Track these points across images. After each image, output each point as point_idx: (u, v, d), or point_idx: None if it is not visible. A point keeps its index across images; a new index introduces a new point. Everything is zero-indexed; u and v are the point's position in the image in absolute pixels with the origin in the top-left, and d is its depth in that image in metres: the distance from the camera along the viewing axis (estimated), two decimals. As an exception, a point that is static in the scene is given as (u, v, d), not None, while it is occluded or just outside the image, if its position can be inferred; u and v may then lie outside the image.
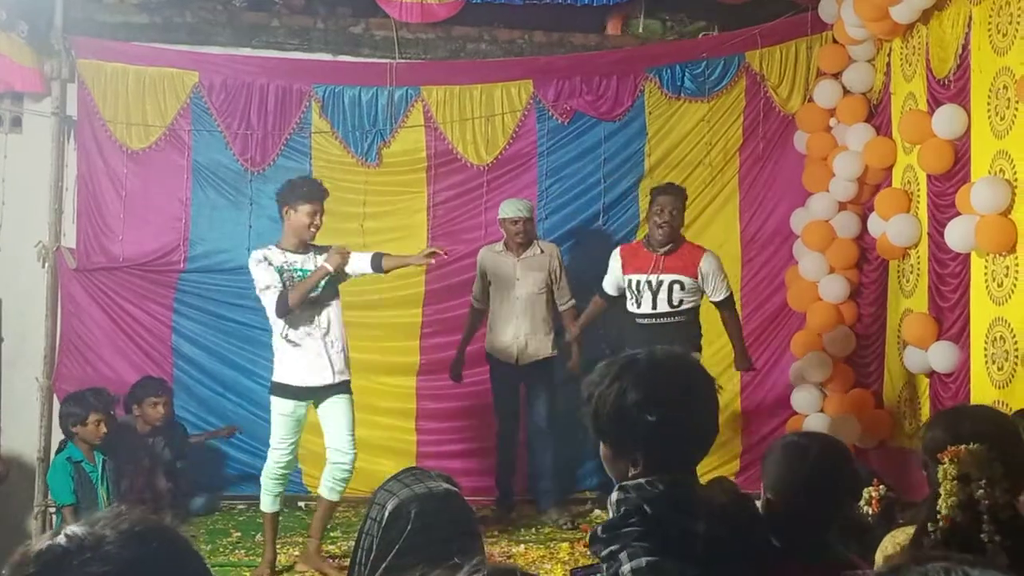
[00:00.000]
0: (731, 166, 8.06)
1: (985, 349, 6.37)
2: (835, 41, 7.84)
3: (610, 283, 6.87)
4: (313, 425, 6.19)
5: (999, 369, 6.22)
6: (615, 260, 6.82)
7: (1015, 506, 2.37)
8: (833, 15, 7.66)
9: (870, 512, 3.85)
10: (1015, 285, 6.07)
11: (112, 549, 1.36)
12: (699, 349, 6.62)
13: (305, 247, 6.03)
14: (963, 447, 2.37)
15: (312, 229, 6.00)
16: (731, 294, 6.89)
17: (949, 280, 6.80)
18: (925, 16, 6.88)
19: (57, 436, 7.28)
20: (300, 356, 5.95)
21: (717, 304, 6.82)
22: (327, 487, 6.05)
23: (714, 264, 6.75)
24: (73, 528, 1.39)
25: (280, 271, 5.94)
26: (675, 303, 6.56)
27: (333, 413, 6.05)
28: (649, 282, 6.58)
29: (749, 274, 8.07)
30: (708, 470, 6.99)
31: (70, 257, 7.66)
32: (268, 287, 5.91)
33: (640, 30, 8.27)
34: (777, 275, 8.06)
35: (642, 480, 2.25)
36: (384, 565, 2.59)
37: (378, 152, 7.90)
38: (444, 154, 7.93)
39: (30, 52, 7.53)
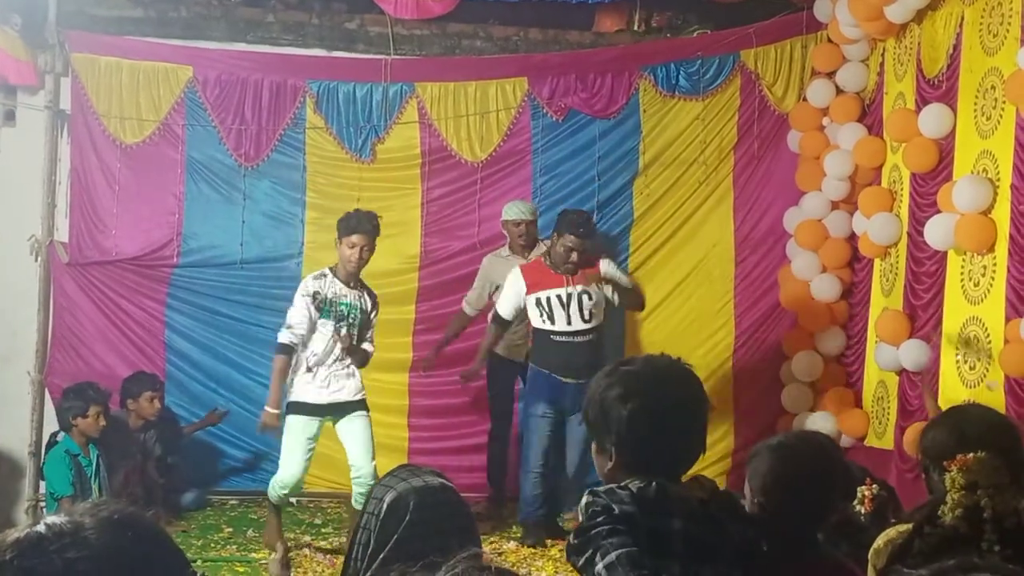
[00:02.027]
0: (725, 165, 8.06)
1: (957, 348, 6.39)
2: (830, 40, 7.85)
3: (508, 306, 6.66)
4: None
5: (971, 369, 6.24)
6: (517, 281, 6.59)
7: (1019, 513, 2.37)
8: (828, 14, 7.67)
9: (863, 511, 3.84)
10: (992, 284, 6.08)
11: (90, 535, 1.39)
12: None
13: (354, 281, 6.16)
14: (971, 455, 2.38)
15: (357, 263, 6.08)
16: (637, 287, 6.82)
17: (924, 279, 6.82)
18: (919, 16, 6.89)
19: (48, 431, 7.27)
20: (314, 377, 6.07)
21: (624, 291, 6.70)
22: (354, 499, 6.13)
23: (612, 264, 6.74)
24: (52, 517, 1.42)
25: (331, 304, 6.06)
26: (586, 317, 6.49)
27: (351, 430, 6.15)
28: (559, 296, 6.48)
29: (743, 273, 8.07)
30: (699, 469, 6.98)
31: (63, 251, 7.65)
32: (289, 326, 6.07)
33: (636, 27, 8.27)
34: (771, 274, 8.06)
35: (613, 485, 2.30)
36: (383, 556, 2.61)
37: (372, 148, 7.89)
38: (438, 150, 7.93)
39: (24, 45, 7.51)
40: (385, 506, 2.66)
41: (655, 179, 8.00)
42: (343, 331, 6.08)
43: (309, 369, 6.05)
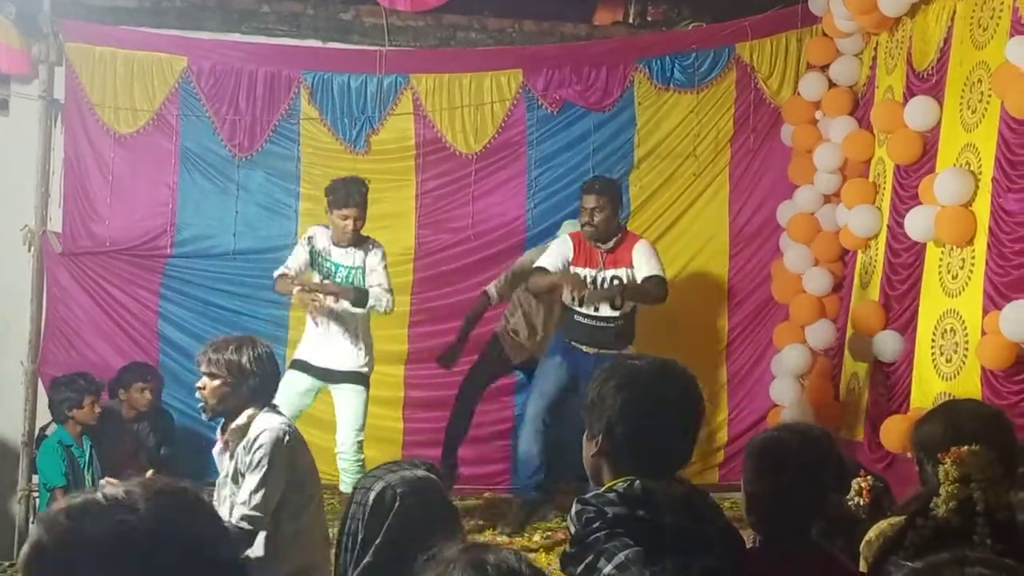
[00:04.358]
0: (722, 158, 8.06)
1: (933, 340, 6.42)
2: (824, 34, 7.86)
3: (554, 263, 6.36)
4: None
5: (947, 361, 6.27)
6: (566, 245, 6.43)
7: (1011, 507, 2.39)
8: (823, 8, 7.68)
9: (862, 502, 3.85)
10: (970, 277, 6.11)
11: (140, 502, 1.47)
12: (632, 344, 6.47)
13: (349, 241, 6.25)
14: (965, 448, 2.39)
15: (347, 233, 6.22)
16: (662, 278, 6.39)
17: (900, 270, 6.86)
18: (912, 10, 6.90)
19: (41, 421, 7.27)
20: (318, 335, 6.17)
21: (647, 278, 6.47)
22: (340, 480, 6.24)
23: (646, 250, 6.46)
24: (108, 488, 1.50)
25: (315, 254, 6.27)
26: (617, 304, 6.24)
27: (341, 403, 6.23)
28: (593, 279, 6.33)
29: (737, 267, 8.08)
30: (692, 461, 7.00)
31: (56, 241, 7.63)
32: (284, 267, 6.31)
33: (631, 20, 8.27)
34: (764, 268, 8.08)
35: (599, 490, 2.38)
36: (374, 547, 2.65)
37: (367, 139, 7.88)
38: (433, 142, 7.92)
39: (18, 34, 7.48)
40: (373, 496, 2.72)
41: (650, 172, 8.01)
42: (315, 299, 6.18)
43: (315, 321, 6.17)
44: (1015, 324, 5.51)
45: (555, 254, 6.42)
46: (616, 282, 6.32)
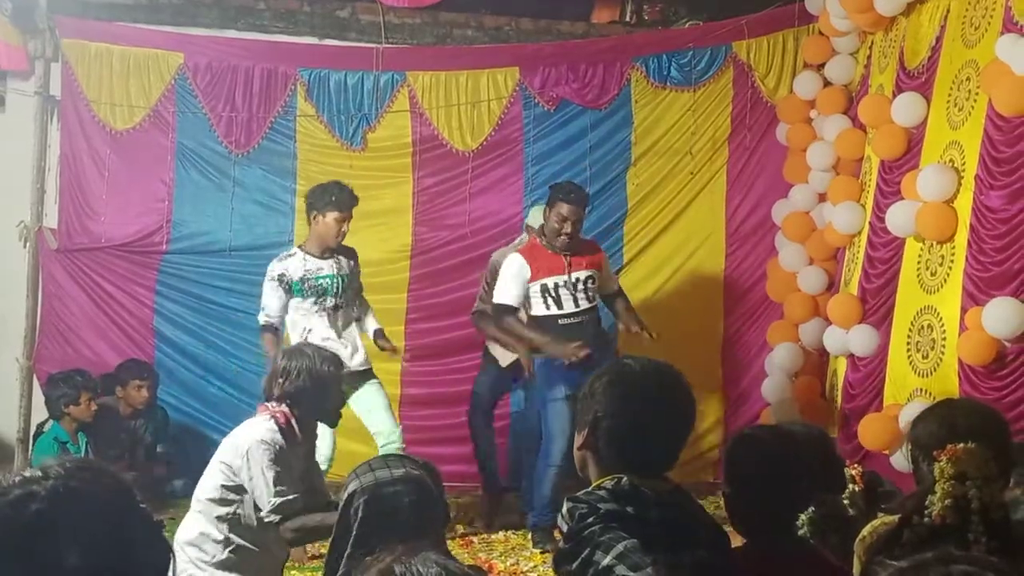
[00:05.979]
0: (719, 156, 8.07)
1: (909, 337, 6.43)
2: (820, 33, 7.87)
3: (515, 295, 6.31)
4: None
5: (924, 357, 6.28)
6: (522, 269, 6.27)
7: (1006, 505, 2.39)
8: (819, 7, 7.68)
9: (857, 488, 3.82)
10: (949, 274, 6.12)
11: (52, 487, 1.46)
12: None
13: (329, 251, 6.19)
14: (960, 446, 2.40)
15: (339, 238, 6.16)
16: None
17: (878, 264, 6.88)
18: (908, 9, 6.91)
19: (36, 417, 7.26)
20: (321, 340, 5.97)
21: (615, 294, 6.64)
22: None
23: (606, 257, 6.66)
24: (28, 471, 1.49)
25: (302, 281, 6.09)
26: (591, 297, 6.32)
27: (366, 399, 6.15)
28: (567, 282, 6.27)
29: (733, 265, 8.09)
30: (688, 458, 7.03)
31: (52, 238, 7.63)
32: (262, 308, 6.20)
33: (628, 19, 8.27)
34: (760, 266, 8.09)
35: (589, 488, 2.42)
36: (348, 552, 2.68)
37: (363, 136, 7.88)
38: (429, 139, 7.92)
39: (14, 30, 7.48)
40: (344, 496, 2.77)
41: (647, 170, 8.01)
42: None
43: (304, 334, 6.07)
44: (998, 320, 5.53)
45: (514, 285, 6.30)
46: (590, 282, 6.32)
